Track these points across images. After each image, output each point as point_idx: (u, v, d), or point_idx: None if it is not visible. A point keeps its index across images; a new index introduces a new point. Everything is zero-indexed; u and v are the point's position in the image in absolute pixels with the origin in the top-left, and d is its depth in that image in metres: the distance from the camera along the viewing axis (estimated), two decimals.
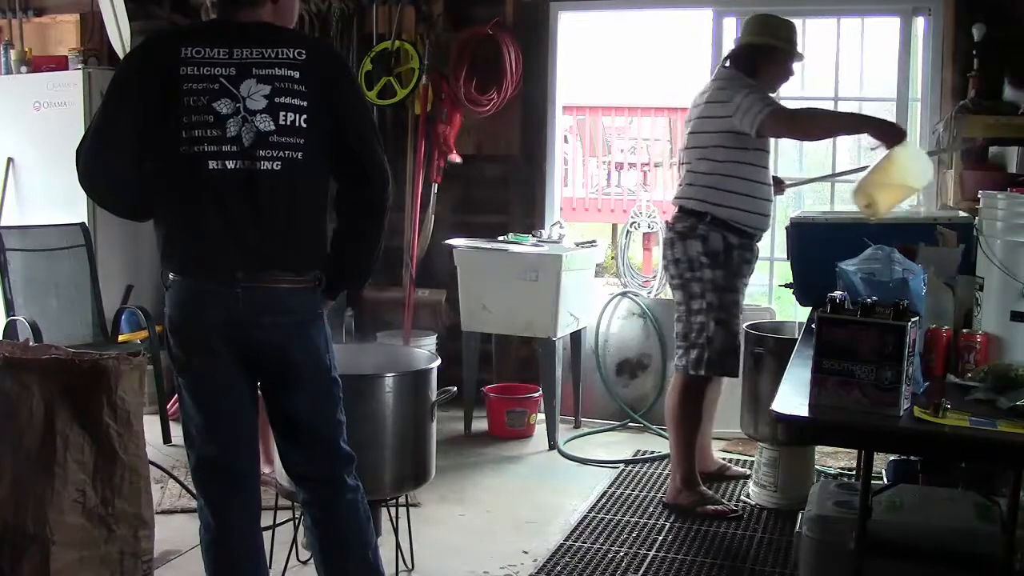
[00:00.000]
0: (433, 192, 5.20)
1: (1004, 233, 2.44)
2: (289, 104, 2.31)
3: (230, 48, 2.31)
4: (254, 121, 2.29)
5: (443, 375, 3.17)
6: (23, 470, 2.61)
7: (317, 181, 2.41)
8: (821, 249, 2.89)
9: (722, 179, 3.65)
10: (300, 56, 2.33)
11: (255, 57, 2.31)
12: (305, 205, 2.38)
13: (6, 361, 2.66)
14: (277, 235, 2.34)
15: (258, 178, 2.30)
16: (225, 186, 2.30)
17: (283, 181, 2.32)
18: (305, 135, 2.33)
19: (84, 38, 5.52)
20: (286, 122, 2.31)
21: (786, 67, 3.76)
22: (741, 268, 3.73)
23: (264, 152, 2.30)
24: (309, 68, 2.33)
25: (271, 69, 2.31)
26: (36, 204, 5.14)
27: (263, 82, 2.30)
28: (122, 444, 2.67)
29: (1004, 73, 4.15)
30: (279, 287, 2.36)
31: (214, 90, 2.28)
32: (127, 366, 2.68)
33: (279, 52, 2.32)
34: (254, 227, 2.32)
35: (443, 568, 3.30)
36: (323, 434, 2.48)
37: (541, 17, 5.17)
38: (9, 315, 4.47)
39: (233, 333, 2.35)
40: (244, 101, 2.29)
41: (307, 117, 2.33)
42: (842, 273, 2.28)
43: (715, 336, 3.69)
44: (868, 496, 2.12)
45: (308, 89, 2.33)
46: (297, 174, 2.33)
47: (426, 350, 3.79)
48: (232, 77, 2.29)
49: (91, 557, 2.64)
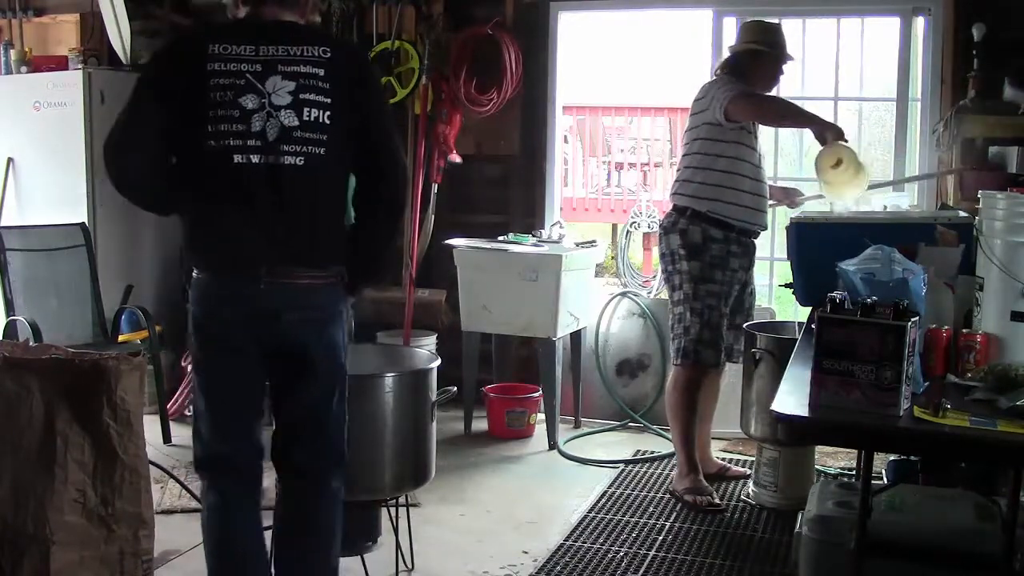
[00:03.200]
0: (433, 192, 5.20)
1: (1004, 233, 2.44)
2: (313, 100, 2.36)
3: (256, 45, 2.36)
4: (279, 116, 2.33)
5: (443, 375, 3.17)
6: (23, 470, 2.61)
7: (338, 177, 2.47)
8: (821, 249, 2.89)
9: (699, 172, 3.85)
10: (325, 54, 2.38)
11: (280, 54, 2.36)
12: (327, 200, 2.43)
13: (6, 361, 2.66)
14: (300, 230, 2.38)
15: (281, 173, 2.34)
16: (249, 180, 2.34)
17: (306, 176, 2.36)
18: (328, 131, 2.37)
19: (84, 38, 5.52)
20: (310, 118, 2.35)
21: (774, 69, 3.96)
22: (725, 261, 3.84)
23: (288, 147, 2.34)
24: (333, 66, 2.38)
25: (296, 66, 2.36)
26: (36, 204, 5.14)
27: (288, 79, 2.35)
28: (122, 444, 2.67)
29: (1004, 73, 4.14)
30: (302, 282, 2.40)
31: (240, 86, 2.32)
32: (127, 366, 2.68)
33: (304, 50, 2.37)
34: (278, 222, 2.36)
35: (443, 568, 3.31)
36: (327, 429, 2.52)
37: (541, 17, 5.17)
38: (9, 315, 4.47)
39: (256, 328, 2.40)
40: (269, 97, 2.33)
41: (330, 114, 2.37)
42: (842, 273, 2.28)
43: (691, 326, 3.86)
44: (868, 496, 2.12)
45: (332, 86, 2.37)
46: (319, 170, 2.38)
47: (426, 350, 3.79)
48: (258, 73, 2.34)
49: (91, 557, 2.64)
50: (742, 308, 4.04)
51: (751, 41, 3.92)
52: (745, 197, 3.83)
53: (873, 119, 8.05)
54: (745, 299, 4.05)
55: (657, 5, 5.56)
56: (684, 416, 3.95)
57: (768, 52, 3.89)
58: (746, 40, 3.94)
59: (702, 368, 3.92)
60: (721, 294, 3.86)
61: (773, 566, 3.32)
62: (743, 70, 3.90)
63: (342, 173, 2.47)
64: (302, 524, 2.55)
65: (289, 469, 2.56)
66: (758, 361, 3.82)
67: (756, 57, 3.90)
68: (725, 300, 3.88)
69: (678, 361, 3.94)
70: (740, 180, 3.82)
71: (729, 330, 3.98)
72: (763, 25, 4.00)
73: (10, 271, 4.50)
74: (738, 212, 3.83)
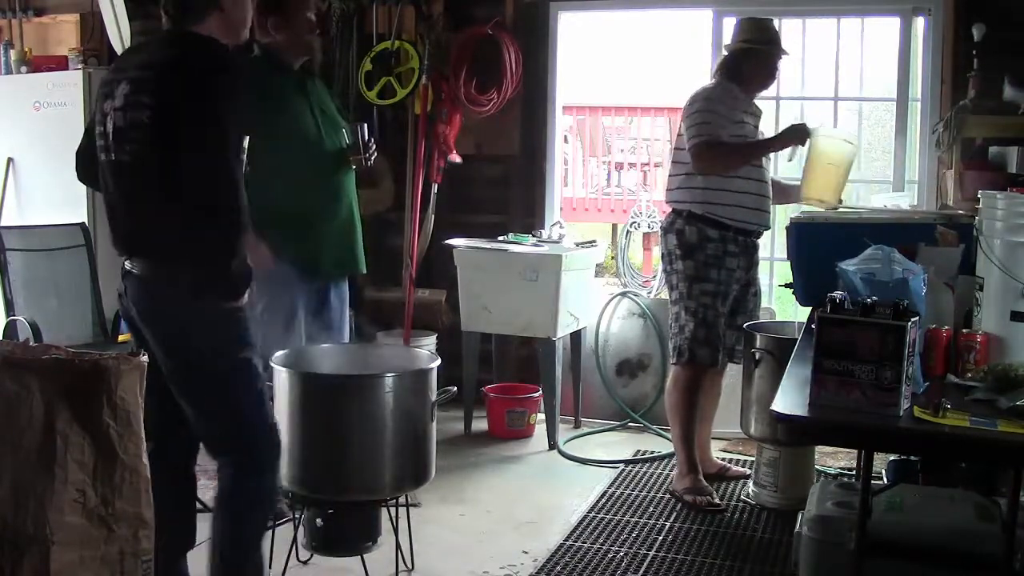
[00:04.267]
0: (433, 192, 5.20)
1: (1004, 233, 2.44)
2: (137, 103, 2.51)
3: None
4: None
5: (443, 375, 3.17)
6: (23, 470, 2.60)
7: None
8: (821, 249, 2.89)
9: (695, 176, 3.85)
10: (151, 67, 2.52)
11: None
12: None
13: (6, 361, 2.65)
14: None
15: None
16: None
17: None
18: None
19: (84, 38, 5.52)
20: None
21: (768, 66, 3.98)
22: (721, 260, 3.85)
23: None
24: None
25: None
26: (36, 204, 5.14)
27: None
28: (122, 444, 2.67)
29: (1004, 73, 4.14)
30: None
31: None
32: (127, 366, 2.67)
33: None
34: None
35: (443, 568, 3.31)
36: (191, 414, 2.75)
37: (541, 17, 5.17)
38: (9, 315, 4.46)
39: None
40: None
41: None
42: (842, 273, 2.28)
43: (686, 325, 3.89)
44: (868, 496, 2.12)
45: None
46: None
47: (426, 350, 3.80)
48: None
49: (91, 557, 2.64)
50: (745, 309, 4.04)
51: (745, 40, 3.94)
52: (743, 197, 3.84)
53: (873, 119, 8.05)
54: (748, 299, 4.05)
55: (657, 5, 5.56)
56: (683, 416, 3.96)
57: (762, 50, 3.92)
58: (740, 39, 3.96)
59: (700, 367, 3.92)
60: (717, 293, 3.87)
61: (773, 566, 3.32)
62: (739, 69, 3.93)
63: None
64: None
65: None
66: (758, 361, 3.82)
67: (750, 55, 3.92)
68: (722, 299, 3.89)
69: (675, 360, 3.97)
70: (737, 181, 3.83)
71: (731, 330, 3.99)
72: (756, 23, 4.01)
73: (10, 271, 4.49)
74: (736, 212, 3.84)
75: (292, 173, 3.41)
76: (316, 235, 3.49)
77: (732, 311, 3.98)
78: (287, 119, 3.47)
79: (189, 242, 2.48)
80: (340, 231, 3.59)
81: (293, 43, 3.50)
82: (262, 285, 3.22)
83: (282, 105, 3.47)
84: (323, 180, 3.54)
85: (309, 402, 2.91)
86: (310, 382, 2.97)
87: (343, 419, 2.88)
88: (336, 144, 3.59)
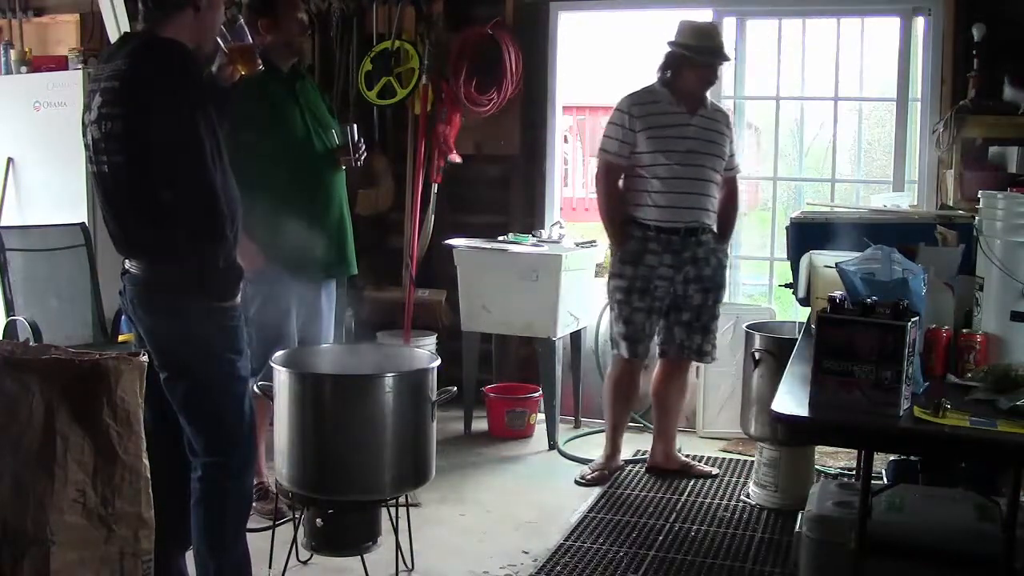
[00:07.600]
0: (433, 192, 5.19)
1: (1004, 233, 2.45)
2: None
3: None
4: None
5: (443, 375, 3.16)
6: (23, 470, 2.60)
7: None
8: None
9: (626, 178, 4.05)
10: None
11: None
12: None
13: (6, 361, 2.65)
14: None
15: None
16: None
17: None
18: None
19: (84, 38, 5.52)
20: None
21: (704, 74, 3.97)
22: (638, 257, 3.98)
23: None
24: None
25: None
26: (36, 204, 5.14)
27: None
28: (122, 444, 2.67)
29: (1004, 73, 4.15)
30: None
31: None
32: (127, 366, 2.67)
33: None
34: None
35: (443, 568, 3.31)
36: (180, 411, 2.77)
37: (541, 17, 5.16)
38: (9, 315, 4.46)
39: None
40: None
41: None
42: (842, 273, 2.28)
43: (613, 320, 4.15)
44: (868, 496, 2.12)
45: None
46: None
47: (426, 350, 3.79)
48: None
49: (91, 557, 2.64)
50: (688, 305, 4.03)
51: (678, 44, 3.95)
52: (658, 197, 3.95)
53: (873, 119, 8.07)
54: (691, 296, 4.03)
55: (657, 5, 5.55)
56: (611, 405, 4.21)
57: (696, 60, 3.91)
58: (678, 42, 3.96)
59: (624, 360, 4.08)
60: (631, 289, 3.99)
61: (773, 566, 3.32)
62: (674, 71, 3.97)
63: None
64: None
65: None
66: (758, 361, 3.82)
67: (683, 62, 3.94)
68: (639, 295, 3.98)
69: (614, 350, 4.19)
70: (653, 182, 3.95)
71: (679, 326, 4.06)
72: (695, 28, 3.99)
73: (10, 271, 4.49)
74: (649, 212, 3.96)
75: (281, 173, 3.41)
76: (306, 235, 3.49)
77: (676, 307, 4.03)
78: (276, 120, 3.48)
79: (170, 247, 2.53)
80: (330, 231, 3.59)
81: (283, 45, 3.51)
82: (255, 286, 3.23)
83: (271, 106, 3.46)
84: (313, 180, 3.55)
85: (309, 402, 2.91)
86: (310, 382, 2.97)
87: (343, 419, 2.87)
88: (326, 145, 3.60)
